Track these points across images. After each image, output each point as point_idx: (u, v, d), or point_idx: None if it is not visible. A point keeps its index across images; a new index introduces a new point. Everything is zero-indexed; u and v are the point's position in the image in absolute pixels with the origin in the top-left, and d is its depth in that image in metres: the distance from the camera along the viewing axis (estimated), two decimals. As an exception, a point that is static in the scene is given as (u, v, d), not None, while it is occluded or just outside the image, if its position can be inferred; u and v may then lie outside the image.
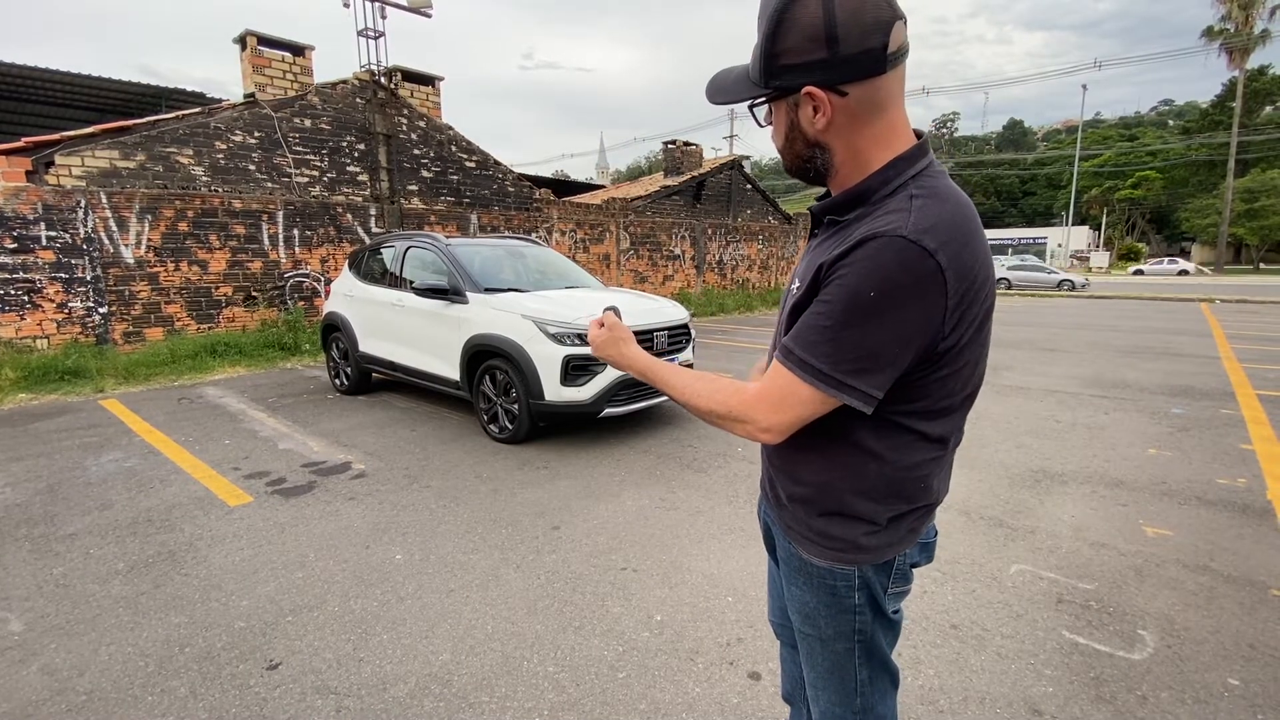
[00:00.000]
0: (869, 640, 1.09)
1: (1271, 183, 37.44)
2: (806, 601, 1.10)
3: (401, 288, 5.56)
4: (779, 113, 0.98)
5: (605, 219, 13.59)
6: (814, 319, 0.91)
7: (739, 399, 0.98)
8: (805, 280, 0.96)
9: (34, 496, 3.59)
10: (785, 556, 1.15)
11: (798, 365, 0.92)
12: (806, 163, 0.99)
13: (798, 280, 1.01)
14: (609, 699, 1.97)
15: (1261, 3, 35.30)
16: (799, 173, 1.02)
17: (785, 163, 1.02)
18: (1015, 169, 68.13)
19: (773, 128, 1.00)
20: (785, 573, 1.15)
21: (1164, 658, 2.13)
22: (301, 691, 1.99)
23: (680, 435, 4.78)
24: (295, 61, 8.85)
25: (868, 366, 0.88)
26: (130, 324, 7.59)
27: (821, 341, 0.89)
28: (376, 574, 2.73)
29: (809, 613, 1.11)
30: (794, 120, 0.95)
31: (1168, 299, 18.60)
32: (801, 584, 1.10)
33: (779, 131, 0.99)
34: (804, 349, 0.91)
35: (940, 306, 0.87)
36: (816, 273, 0.92)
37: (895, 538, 1.05)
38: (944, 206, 0.88)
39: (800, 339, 0.92)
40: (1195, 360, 7.87)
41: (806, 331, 0.92)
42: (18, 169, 6.74)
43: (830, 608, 1.08)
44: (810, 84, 0.89)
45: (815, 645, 1.12)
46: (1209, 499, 3.48)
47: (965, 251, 0.87)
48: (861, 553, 1.04)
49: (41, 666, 2.12)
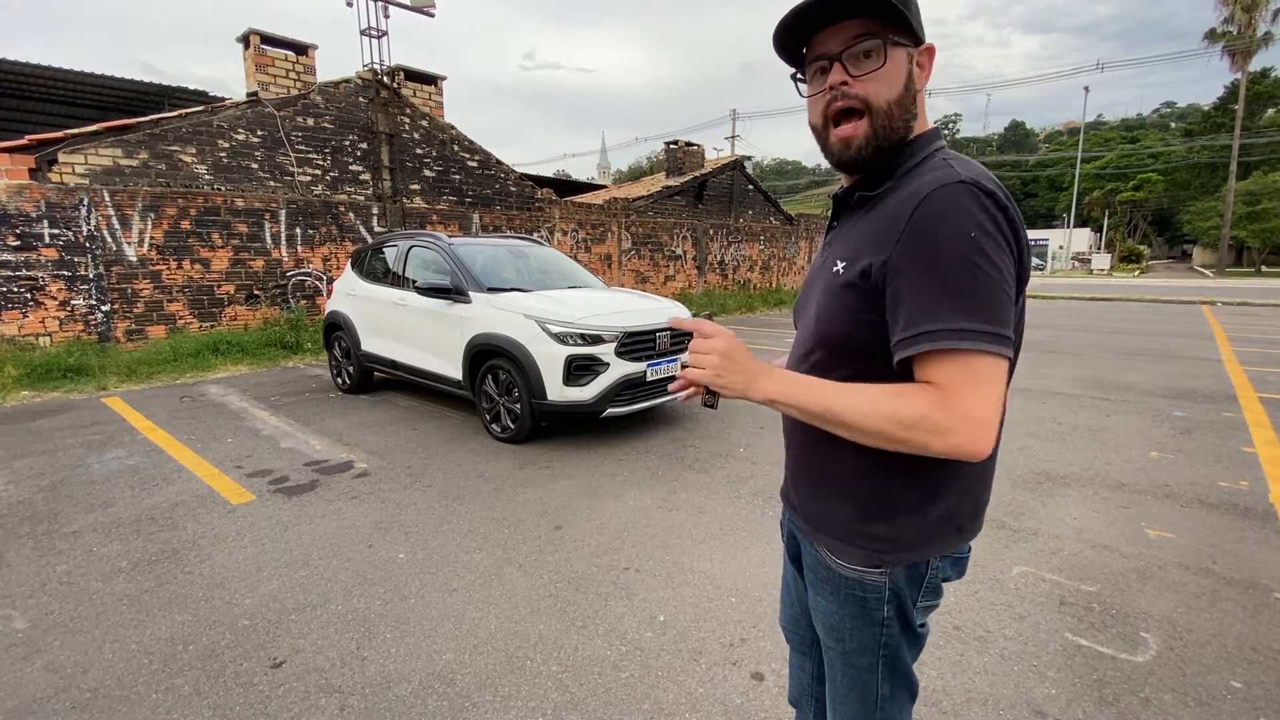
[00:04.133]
0: (894, 654, 1.04)
1: (1273, 185, 37.41)
2: (832, 613, 1.05)
3: (404, 287, 5.56)
4: (899, 61, 0.88)
5: (607, 219, 13.59)
6: (915, 281, 0.81)
7: (927, 405, 0.80)
8: (853, 257, 0.90)
9: (37, 494, 3.59)
10: (811, 565, 1.09)
11: (957, 337, 0.78)
12: (903, 124, 0.90)
13: (840, 262, 0.93)
14: (612, 699, 1.97)
15: (1265, 5, 35.26)
16: (882, 144, 0.90)
17: (877, 127, 0.89)
18: (1017, 170, 68.08)
19: (877, 73, 0.88)
20: (811, 581, 1.10)
21: (1166, 660, 2.14)
22: (305, 690, 2.00)
23: (682, 435, 4.78)
24: (298, 60, 8.86)
25: (1003, 313, 0.80)
26: (133, 322, 7.60)
27: (957, 295, 0.79)
28: (379, 573, 2.73)
29: (834, 625, 1.06)
30: (910, 72, 0.90)
31: (1169, 301, 18.58)
32: (828, 594, 1.05)
33: (892, 81, 0.88)
34: (956, 314, 0.78)
35: (1011, 245, 0.83)
36: (873, 239, 0.87)
37: (941, 534, 0.98)
38: (977, 164, 0.88)
39: (931, 307, 0.80)
40: (1197, 363, 7.87)
41: (929, 294, 0.80)
42: (21, 167, 6.75)
43: (857, 619, 1.02)
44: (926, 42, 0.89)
45: (838, 659, 1.08)
46: (1211, 501, 3.48)
47: (1010, 200, 0.85)
48: (902, 551, 0.97)
49: (46, 664, 2.12)
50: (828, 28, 0.88)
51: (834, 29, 0.88)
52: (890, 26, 0.86)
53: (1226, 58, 37.59)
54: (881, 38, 0.86)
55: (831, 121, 0.93)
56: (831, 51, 0.88)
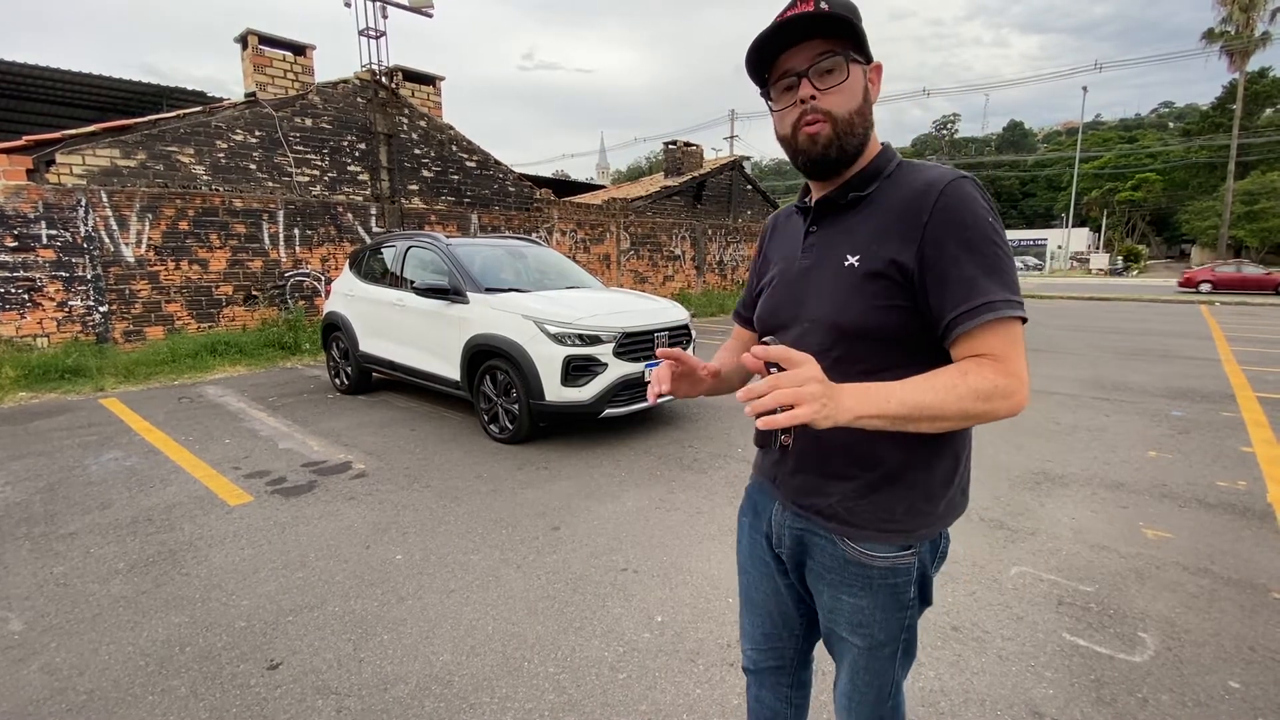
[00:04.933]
0: (911, 633, 1.09)
1: (1271, 185, 37.41)
2: (861, 609, 1.05)
3: (402, 287, 5.56)
4: (857, 76, 0.97)
5: (606, 219, 13.59)
6: (959, 262, 0.90)
7: (994, 374, 0.86)
8: (871, 250, 0.96)
9: (34, 495, 3.59)
10: (833, 565, 1.07)
11: (1008, 307, 0.88)
12: (863, 131, 0.99)
13: (853, 256, 0.98)
14: (609, 700, 1.97)
15: (1263, 5, 35.31)
16: (846, 145, 0.98)
17: (839, 130, 0.97)
18: (1015, 170, 68.15)
19: (839, 87, 0.96)
20: (832, 583, 1.08)
21: (1164, 660, 2.13)
22: (302, 692, 1.99)
23: (680, 436, 4.78)
24: (296, 61, 8.85)
25: (1019, 283, 0.93)
26: (130, 323, 7.59)
27: (995, 272, 0.89)
28: (377, 574, 2.72)
29: (862, 620, 1.06)
30: (865, 87, 0.99)
31: (1167, 300, 18.59)
32: (858, 591, 1.05)
33: (853, 94, 0.97)
34: (999, 288, 0.88)
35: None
36: (890, 233, 0.95)
37: (959, 501, 1.06)
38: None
39: (977, 283, 0.88)
40: (1195, 362, 7.87)
41: (972, 272, 0.89)
42: (18, 167, 6.74)
43: (887, 609, 1.05)
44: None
45: (862, 656, 1.09)
46: (1209, 501, 3.48)
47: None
48: (935, 523, 1.02)
49: (42, 666, 2.12)
50: (793, 47, 0.96)
51: (799, 48, 0.96)
52: (848, 46, 0.95)
53: (1224, 58, 37.63)
54: (842, 54, 0.95)
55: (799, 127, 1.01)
56: (798, 68, 0.96)
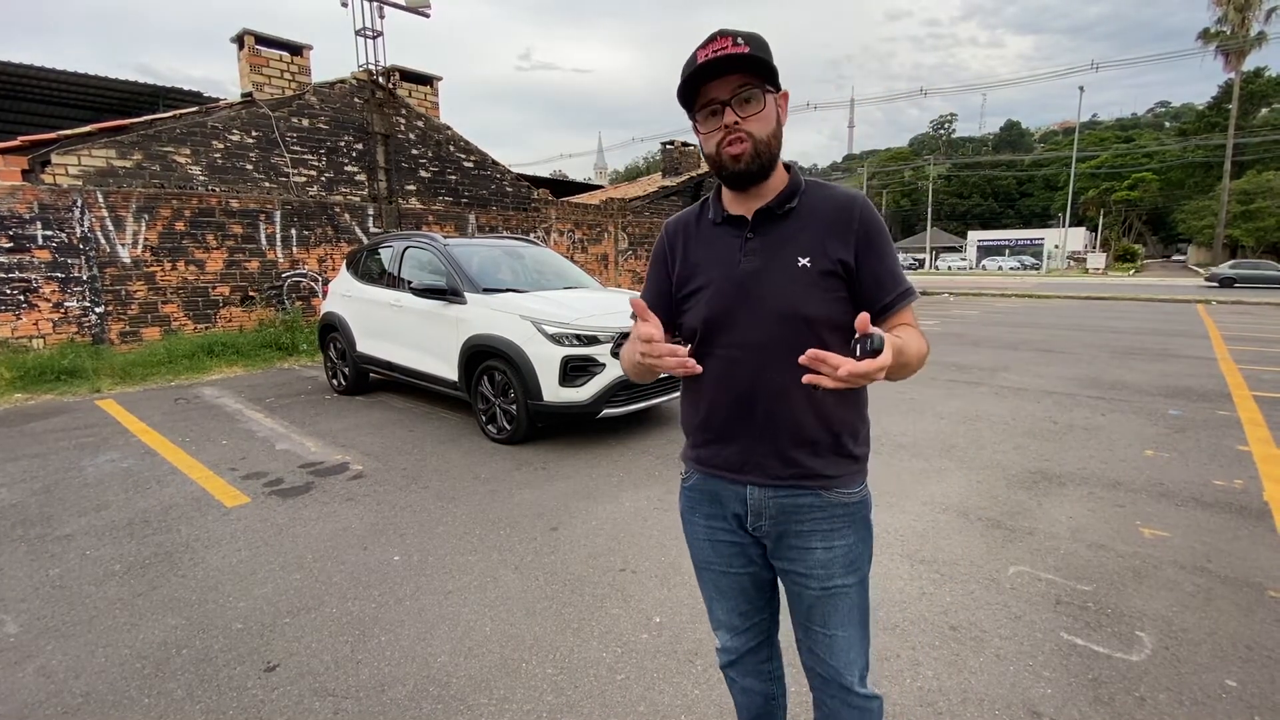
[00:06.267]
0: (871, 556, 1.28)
1: (1267, 184, 37.53)
2: (852, 546, 1.20)
3: (399, 288, 5.55)
4: (771, 104, 1.13)
5: (603, 219, 13.58)
6: (884, 259, 1.16)
7: (921, 337, 1.16)
8: (818, 252, 1.15)
9: (30, 497, 3.57)
10: (824, 517, 1.19)
11: (912, 291, 1.19)
12: (776, 148, 1.16)
13: (804, 258, 1.15)
14: (607, 701, 1.96)
15: (1258, 5, 35.43)
16: (764, 160, 1.14)
17: (758, 148, 1.12)
18: (1012, 170, 68.31)
19: (758, 115, 1.11)
20: (826, 533, 1.20)
21: (1162, 659, 2.14)
22: (299, 694, 1.99)
23: (679, 435, 4.77)
24: (293, 61, 8.84)
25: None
26: (127, 324, 7.57)
27: (899, 266, 1.20)
28: (374, 575, 2.72)
29: (854, 557, 1.21)
30: (777, 113, 1.15)
31: (1165, 300, 18.64)
32: (846, 531, 1.20)
33: (769, 119, 1.12)
34: (904, 277, 1.19)
35: None
36: (831, 238, 1.15)
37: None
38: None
39: (898, 275, 1.17)
40: (1192, 361, 7.89)
41: (894, 267, 1.17)
42: (14, 168, 6.72)
43: (866, 539, 1.23)
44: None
45: (854, 591, 1.22)
46: (1206, 500, 3.49)
47: None
48: (867, 459, 1.25)
49: (38, 668, 2.11)
50: (718, 79, 1.10)
51: (722, 80, 1.10)
52: (763, 80, 1.10)
53: (1220, 57, 37.80)
54: (759, 87, 1.10)
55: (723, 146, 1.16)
56: (722, 97, 1.11)
